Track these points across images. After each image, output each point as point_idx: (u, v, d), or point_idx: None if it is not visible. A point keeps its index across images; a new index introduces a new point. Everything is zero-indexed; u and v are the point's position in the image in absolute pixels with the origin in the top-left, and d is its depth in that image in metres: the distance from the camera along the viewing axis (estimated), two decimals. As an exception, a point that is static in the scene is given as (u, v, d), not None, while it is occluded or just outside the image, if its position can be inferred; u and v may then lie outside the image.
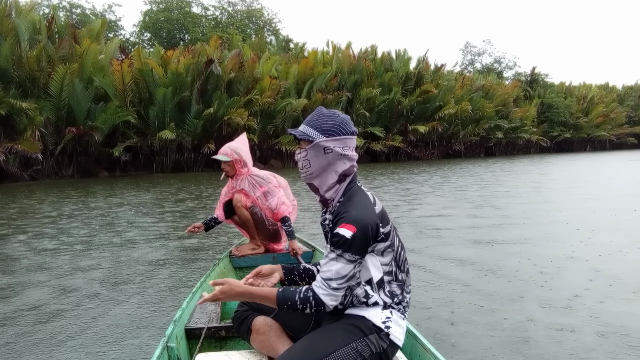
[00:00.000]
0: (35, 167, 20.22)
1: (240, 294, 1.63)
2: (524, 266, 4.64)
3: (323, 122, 1.67)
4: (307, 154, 1.67)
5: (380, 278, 1.64)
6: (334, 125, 1.66)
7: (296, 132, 1.69)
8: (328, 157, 1.65)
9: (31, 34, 20.89)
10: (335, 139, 1.64)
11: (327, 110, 1.73)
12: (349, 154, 1.67)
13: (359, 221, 1.54)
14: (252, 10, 46.66)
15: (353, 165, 1.70)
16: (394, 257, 1.65)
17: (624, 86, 57.93)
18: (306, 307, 1.57)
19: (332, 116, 1.68)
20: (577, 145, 49.94)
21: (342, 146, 1.65)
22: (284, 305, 1.59)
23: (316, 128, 1.66)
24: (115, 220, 8.44)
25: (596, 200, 9.64)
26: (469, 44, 65.64)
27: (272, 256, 3.70)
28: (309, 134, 1.66)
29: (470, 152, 39.73)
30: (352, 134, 1.69)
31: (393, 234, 1.66)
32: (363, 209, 1.58)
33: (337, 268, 1.54)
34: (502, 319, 3.27)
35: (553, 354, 2.72)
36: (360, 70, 31.83)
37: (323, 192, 1.70)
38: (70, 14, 37.98)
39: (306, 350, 1.57)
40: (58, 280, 4.56)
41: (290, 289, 1.61)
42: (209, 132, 24.66)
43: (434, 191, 12.32)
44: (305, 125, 1.69)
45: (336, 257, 1.55)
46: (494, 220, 7.54)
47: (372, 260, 1.63)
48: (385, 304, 1.65)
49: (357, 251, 1.54)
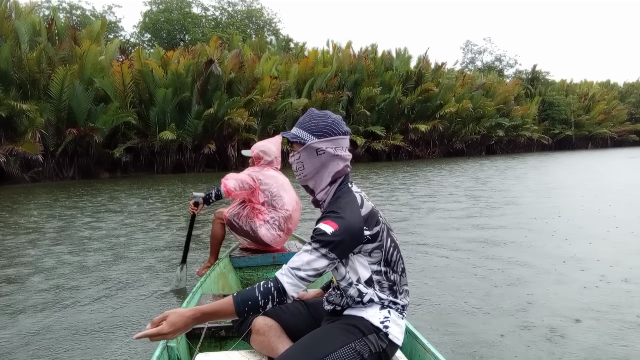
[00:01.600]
0: (36, 169, 20.21)
1: (190, 317, 1.44)
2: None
3: (314, 123, 1.66)
4: (300, 156, 1.67)
5: (369, 277, 1.63)
6: (325, 126, 1.65)
7: (288, 135, 1.69)
8: (321, 158, 1.64)
9: (31, 36, 20.88)
10: (327, 140, 1.64)
11: (318, 111, 1.71)
12: (342, 154, 1.67)
13: (342, 222, 1.52)
14: (252, 10, 46.64)
15: (346, 166, 1.69)
16: (383, 258, 1.63)
17: (626, 83, 57.82)
18: (268, 300, 1.49)
19: (323, 117, 1.67)
20: (579, 143, 49.81)
21: (335, 147, 1.65)
22: (244, 309, 1.48)
23: (308, 130, 1.66)
24: (116, 221, 8.42)
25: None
26: (470, 42, 65.47)
27: (272, 256, 3.68)
28: (300, 136, 1.66)
29: (471, 151, 39.68)
30: (344, 134, 1.69)
31: (383, 234, 1.64)
32: (348, 210, 1.57)
33: (309, 259, 1.51)
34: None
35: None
36: (361, 69, 31.80)
37: (317, 194, 1.69)
38: (70, 15, 38.01)
39: (305, 350, 1.57)
40: (58, 279, 4.54)
41: (247, 289, 1.53)
42: (209, 133, 24.66)
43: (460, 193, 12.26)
44: (297, 127, 1.69)
45: (311, 249, 1.52)
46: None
47: (360, 260, 1.62)
48: (382, 304, 1.64)
49: (334, 250, 1.51)
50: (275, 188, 3.59)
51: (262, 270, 3.61)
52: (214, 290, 3.08)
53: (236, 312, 1.48)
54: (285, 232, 3.65)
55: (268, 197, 3.58)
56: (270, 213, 3.58)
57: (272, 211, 3.58)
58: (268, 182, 3.58)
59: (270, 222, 3.57)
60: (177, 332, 1.43)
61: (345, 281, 1.65)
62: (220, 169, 25.46)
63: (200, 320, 1.47)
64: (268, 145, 3.68)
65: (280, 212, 3.59)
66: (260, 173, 3.59)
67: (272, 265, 3.59)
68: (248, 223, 3.60)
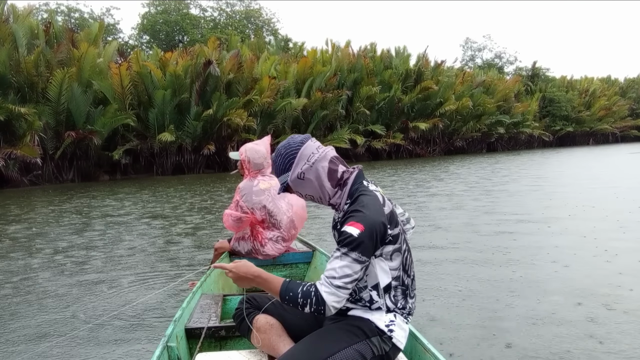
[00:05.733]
0: (35, 172, 20.15)
1: (252, 273, 1.62)
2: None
3: (279, 164, 1.71)
4: (300, 192, 1.71)
5: (388, 283, 1.61)
6: (284, 158, 1.69)
7: (279, 191, 1.75)
8: (308, 178, 1.65)
9: (29, 39, 20.80)
10: (296, 164, 1.66)
11: (274, 153, 1.76)
12: (316, 157, 1.65)
13: (366, 220, 1.51)
14: (251, 11, 46.58)
15: (334, 160, 1.67)
16: (401, 262, 1.63)
17: (626, 79, 57.71)
18: (306, 302, 1.52)
19: (278, 153, 1.72)
20: (580, 139, 49.75)
21: (305, 160, 1.65)
22: (286, 296, 1.57)
23: (281, 173, 1.71)
24: (116, 221, 8.35)
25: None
26: (469, 40, 65.38)
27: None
28: (282, 182, 1.71)
29: (472, 148, 39.61)
30: (301, 143, 1.68)
31: (402, 237, 1.64)
32: (372, 208, 1.56)
33: (341, 266, 1.50)
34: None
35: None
36: (360, 68, 31.73)
37: (330, 201, 1.70)
38: (68, 18, 37.99)
39: (309, 350, 1.56)
40: (56, 279, 4.47)
41: (297, 282, 1.58)
42: (208, 134, 24.61)
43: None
44: (278, 178, 1.75)
45: (341, 255, 1.51)
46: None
47: (381, 265, 1.60)
48: (388, 309, 1.63)
49: (364, 251, 1.50)
50: (270, 203, 3.38)
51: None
52: (214, 290, 3.05)
53: (280, 294, 1.58)
54: (290, 239, 3.54)
55: (265, 214, 3.38)
56: (272, 231, 3.44)
57: (273, 229, 3.44)
58: (260, 199, 3.36)
59: (274, 239, 3.45)
60: (239, 275, 1.63)
61: (361, 282, 1.64)
62: (220, 169, 25.44)
63: (257, 282, 1.62)
64: (257, 148, 3.47)
65: (281, 226, 3.44)
66: (250, 194, 3.36)
67: (272, 265, 3.54)
68: (253, 242, 3.46)
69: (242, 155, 3.47)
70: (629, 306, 3.33)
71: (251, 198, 3.35)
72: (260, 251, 3.43)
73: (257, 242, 3.43)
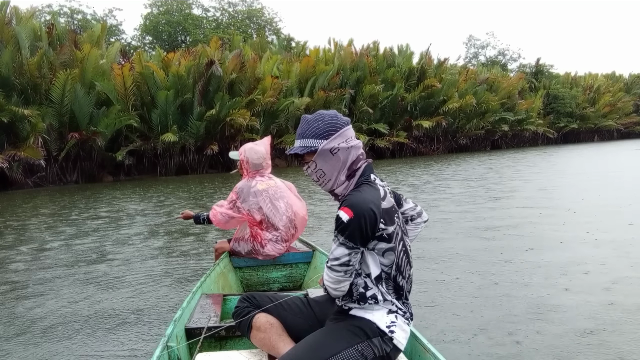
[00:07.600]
0: (39, 174, 20.22)
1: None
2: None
3: (315, 127, 1.61)
4: (317, 164, 1.62)
5: (378, 274, 1.61)
6: (327, 126, 1.61)
7: (296, 150, 1.64)
8: (338, 156, 1.60)
9: (32, 41, 20.86)
10: (336, 137, 1.60)
11: (311, 115, 1.67)
12: (354, 144, 1.64)
13: (356, 207, 1.51)
14: (253, 10, 46.62)
15: (361, 154, 1.66)
16: (395, 262, 1.62)
17: (631, 75, 57.25)
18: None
19: (321, 118, 1.63)
20: (584, 136, 49.49)
21: (345, 139, 1.62)
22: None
23: (312, 136, 1.62)
24: (117, 221, 8.35)
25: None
26: (472, 37, 65.18)
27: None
28: (310, 145, 1.61)
29: (476, 146, 39.46)
30: (346, 124, 1.65)
31: (397, 237, 1.62)
32: (367, 196, 1.55)
33: (333, 248, 1.56)
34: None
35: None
36: (363, 66, 31.65)
37: (336, 189, 1.67)
38: (71, 19, 38.13)
39: (310, 350, 1.56)
40: (55, 278, 4.46)
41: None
42: (211, 134, 24.62)
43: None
44: (300, 139, 1.64)
45: (334, 238, 1.57)
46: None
47: (372, 257, 1.61)
48: (389, 310, 1.62)
49: (351, 237, 1.51)
50: (268, 204, 3.32)
51: (262, 270, 3.53)
52: (214, 290, 3.03)
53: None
54: (291, 239, 3.49)
55: (264, 215, 3.33)
56: (271, 232, 3.38)
57: (272, 230, 3.38)
58: (258, 200, 3.31)
59: (274, 240, 3.40)
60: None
61: (351, 268, 1.64)
62: (224, 170, 25.46)
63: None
64: (256, 148, 3.42)
65: (280, 227, 3.38)
66: (247, 194, 3.31)
67: (272, 265, 3.52)
68: (252, 243, 3.42)
69: (241, 155, 3.46)
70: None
71: (248, 198, 3.32)
72: (260, 252, 3.40)
73: (257, 243, 3.40)
